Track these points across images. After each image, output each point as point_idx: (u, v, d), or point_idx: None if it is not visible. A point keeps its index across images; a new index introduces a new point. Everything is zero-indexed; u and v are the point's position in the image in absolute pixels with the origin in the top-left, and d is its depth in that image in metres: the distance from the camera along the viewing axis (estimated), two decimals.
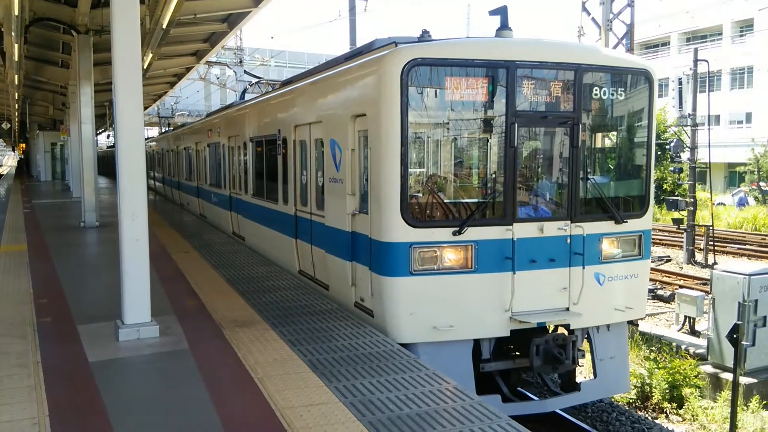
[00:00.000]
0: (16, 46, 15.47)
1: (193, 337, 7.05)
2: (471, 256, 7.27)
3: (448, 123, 7.59)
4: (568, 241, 7.62)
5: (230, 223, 15.52)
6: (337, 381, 5.73)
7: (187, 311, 8.14)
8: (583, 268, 7.62)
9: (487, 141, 7.83)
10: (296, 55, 62.20)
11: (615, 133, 8.63)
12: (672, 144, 23.41)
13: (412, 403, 5.26)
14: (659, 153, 30.74)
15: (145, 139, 38.24)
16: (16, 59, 17.29)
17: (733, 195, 41.35)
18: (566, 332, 7.78)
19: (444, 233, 7.19)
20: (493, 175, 7.69)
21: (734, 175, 50.12)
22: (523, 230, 7.39)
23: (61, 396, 5.46)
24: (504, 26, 7.83)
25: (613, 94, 8.00)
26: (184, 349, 6.68)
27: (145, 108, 41.26)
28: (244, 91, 23.13)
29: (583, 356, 8.19)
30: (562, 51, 7.78)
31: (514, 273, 7.31)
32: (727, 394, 10.36)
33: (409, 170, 7.18)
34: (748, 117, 51.53)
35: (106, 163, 39.44)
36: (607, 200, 7.95)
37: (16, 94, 27.80)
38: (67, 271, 10.93)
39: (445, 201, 7.66)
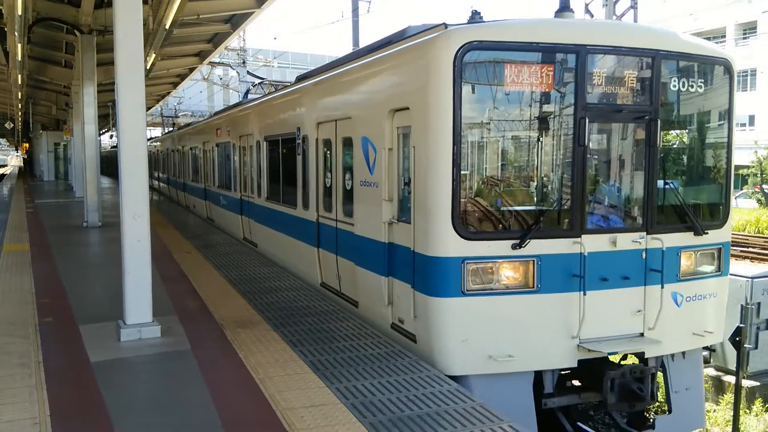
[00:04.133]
0: (19, 45, 15.50)
1: (194, 338, 7.05)
2: (533, 274, 6.29)
3: (506, 117, 6.54)
4: (644, 255, 6.62)
5: (241, 228, 14.67)
6: (339, 382, 5.72)
7: (189, 312, 8.14)
8: (662, 287, 6.60)
9: (552, 138, 6.74)
10: (299, 56, 62.27)
11: (692, 131, 7.45)
12: None
13: (414, 404, 5.25)
14: None
15: (149, 139, 38.35)
16: (20, 59, 17.33)
17: (735, 198, 41.33)
18: (638, 361, 6.90)
19: (502, 246, 6.23)
20: (559, 179, 6.69)
21: (737, 178, 50.07)
22: (593, 243, 6.40)
23: (62, 396, 5.46)
24: (565, 7, 6.97)
25: (692, 86, 6.95)
26: (186, 350, 6.68)
27: (148, 108, 41.24)
28: (247, 92, 23.17)
29: (658, 389, 7.42)
30: (637, 34, 6.74)
31: (584, 293, 6.31)
32: (729, 397, 10.35)
33: (462, 172, 6.27)
34: (751, 120, 51.43)
35: (110, 163, 39.39)
36: (686, 208, 6.95)
37: (20, 93, 27.85)
38: (69, 271, 10.93)
39: (502, 209, 6.59)
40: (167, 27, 13.48)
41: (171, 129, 39.03)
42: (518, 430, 4.84)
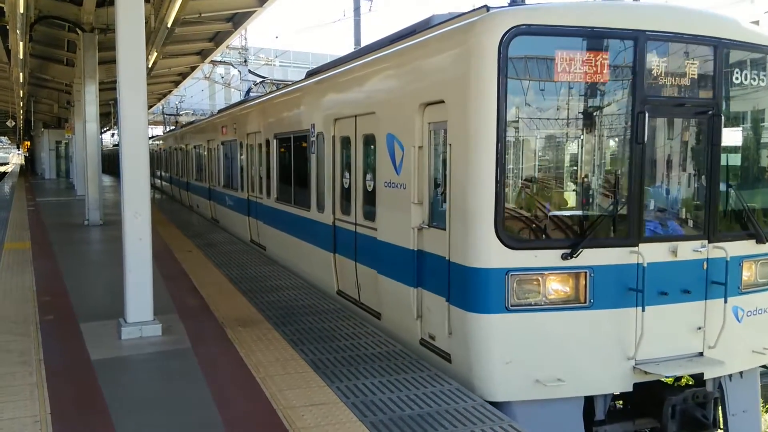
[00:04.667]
0: (21, 43, 15.51)
1: (195, 336, 7.05)
2: (585, 287, 5.65)
3: (556, 111, 5.85)
4: (705, 266, 5.98)
5: (248, 230, 14.02)
6: (339, 381, 5.72)
7: (190, 310, 8.14)
8: (725, 301, 5.97)
9: (606, 135, 6.13)
10: (301, 55, 62.18)
11: (754, 128, 6.78)
12: None
13: (414, 404, 5.25)
14: None
15: (152, 137, 38.33)
16: (21, 57, 17.34)
17: None
18: (693, 382, 6.22)
19: (550, 256, 5.60)
20: (614, 180, 6.01)
21: None
22: (651, 252, 5.74)
23: (63, 394, 5.46)
24: None
25: (754, 79, 6.32)
26: (187, 348, 6.68)
27: (150, 107, 41.29)
28: (249, 91, 23.20)
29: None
30: (699, 20, 6.03)
31: (643, 309, 5.67)
32: None
33: (506, 173, 5.63)
34: None
35: (111, 162, 39.39)
36: (750, 213, 6.31)
37: (21, 92, 27.88)
38: (70, 269, 10.94)
39: (551, 213, 5.94)
40: (169, 25, 13.49)
41: (173, 127, 38.95)
42: (519, 430, 4.84)
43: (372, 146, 7.64)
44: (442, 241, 6.06)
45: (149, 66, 17.31)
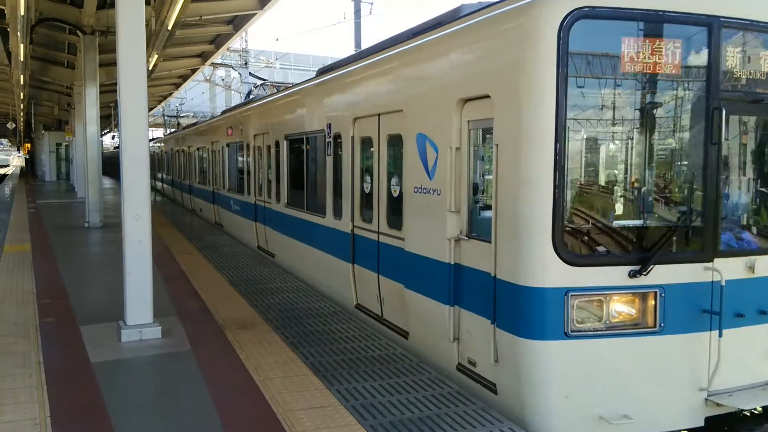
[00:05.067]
0: (21, 46, 15.53)
1: (195, 339, 7.04)
2: (655, 309, 5.00)
3: (621, 106, 5.19)
4: None
5: (255, 236, 13.35)
6: (339, 384, 5.71)
7: (190, 313, 8.13)
8: None
9: (675, 134, 5.42)
10: (301, 58, 62.24)
11: None
12: None
13: (414, 407, 5.24)
14: None
15: (153, 139, 38.31)
16: (22, 59, 17.36)
17: None
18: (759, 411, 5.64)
19: (615, 274, 4.93)
20: (686, 186, 5.35)
21: None
22: (727, 269, 5.06)
23: (62, 397, 5.45)
24: None
25: None
26: (186, 351, 6.67)
27: (150, 109, 41.39)
28: (249, 93, 23.20)
29: None
30: None
31: (720, 334, 5.01)
32: None
33: (566, 177, 4.95)
34: None
35: (112, 164, 39.39)
36: None
37: (22, 94, 27.91)
38: (70, 271, 10.93)
39: (615, 223, 5.25)
40: (170, 28, 13.51)
41: (174, 129, 38.94)
42: None
43: (398, 148, 7.04)
44: (486, 254, 5.38)
45: (150, 68, 17.33)
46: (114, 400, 5.38)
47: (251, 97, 20.00)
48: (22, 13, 12.32)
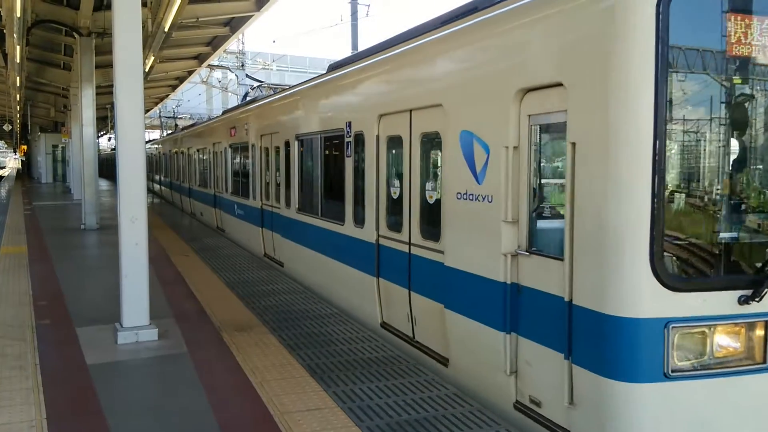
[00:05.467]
0: (18, 47, 15.53)
1: (191, 341, 7.03)
2: (764, 341, 4.22)
3: (729, 98, 4.31)
4: None
5: (261, 243, 12.61)
6: (336, 386, 5.71)
7: (186, 315, 8.12)
8: None
9: None
10: (298, 59, 62.24)
11: None
12: None
13: (412, 408, 5.24)
14: None
15: (151, 141, 38.25)
16: (18, 61, 17.36)
17: None
18: None
19: (721, 300, 4.13)
20: None
21: None
22: None
23: (58, 399, 5.44)
24: None
25: None
26: (183, 353, 6.66)
27: (147, 111, 41.38)
28: (246, 95, 23.17)
29: None
30: None
31: None
32: None
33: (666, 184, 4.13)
34: None
35: (109, 166, 39.29)
36: None
37: (18, 95, 27.89)
38: (66, 273, 10.91)
39: (721, 238, 4.33)
40: (166, 30, 13.51)
41: (171, 131, 38.85)
42: None
43: (435, 148, 6.33)
44: (555, 274, 4.59)
45: (146, 70, 17.36)
46: (110, 402, 5.37)
47: (248, 98, 19.96)
48: (19, 14, 12.32)
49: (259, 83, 24.49)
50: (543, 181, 5.09)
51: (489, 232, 5.28)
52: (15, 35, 13.99)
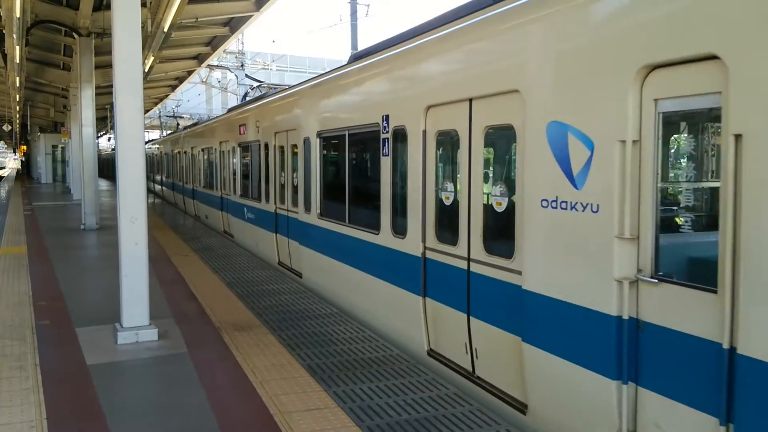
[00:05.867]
0: (17, 48, 15.52)
1: (191, 341, 7.03)
2: None
3: None
4: None
5: (275, 250, 11.74)
6: (336, 386, 5.71)
7: (186, 315, 8.12)
8: None
9: None
10: (298, 59, 62.24)
11: None
12: None
13: (412, 408, 5.24)
14: None
15: (151, 141, 38.20)
16: (18, 61, 17.34)
17: None
18: None
19: None
20: None
21: None
22: None
23: (59, 399, 5.44)
24: None
25: None
26: (183, 353, 6.66)
27: (146, 111, 41.38)
28: (246, 95, 23.17)
29: None
30: None
31: None
32: None
33: None
34: None
35: (110, 166, 39.16)
36: None
37: (18, 96, 27.87)
38: (66, 273, 10.91)
39: None
40: (165, 30, 13.51)
41: (171, 131, 38.80)
42: None
43: (507, 143, 5.47)
44: (703, 309, 3.58)
45: (146, 70, 17.35)
46: (110, 403, 5.37)
47: (248, 98, 19.91)
48: (18, 15, 12.31)
49: (258, 83, 24.51)
50: (676, 185, 4.17)
51: (593, 250, 4.24)
52: (14, 35, 13.98)
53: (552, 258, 4.65)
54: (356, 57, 8.84)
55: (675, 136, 4.27)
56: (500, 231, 5.43)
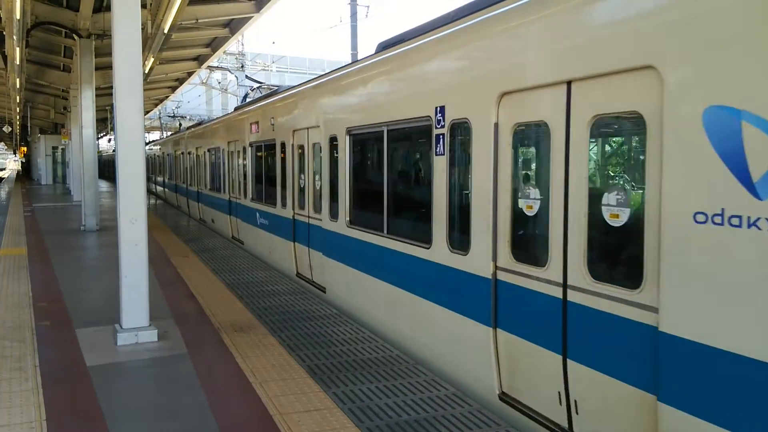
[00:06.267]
0: (18, 49, 15.53)
1: (191, 342, 7.03)
2: None
3: None
4: None
5: (293, 260, 10.70)
6: (336, 387, 5.71)
7: (186, 316, 8.13)
8: None
9: None
10: (298, 60, 62.28)
11: None
12: None
13: (411, 409, 5.24)
14: None
15: (152, 142, 38.18)
16: (18, 63, 17.36)
17: None
18: None
19: None
20: None
21: None
22: None
23: (58, 400, 5.44)
24: None
25: None
26: (183, 354, 6.66)
27: (146, 112, 41.41)
28: (246, 96, 23.19)
29: None
30: None
31: None
32: None
33: None
34: None
35: (111, 167, 39.09)
36: None
37: (18, 97, 27.89)
38: (66, 274, 10.92)
39: None
40: (166, 31, 13.53)
41: (172, 132, 38.79)
42: None
43: (627, 137, 4.67)
44: None
45: (146, 71, 17.37)
46: (110, 404, 5.37)
47: (248, 99, 19.89)
48: (18, 16, 12.33)
49: (258, 84, 24.53)
50: None
51: None
52: (15, 37, 13.99)
53: (716, 293, 3.45)
54: (385, 46, 7.83)
55: None
56: (615, 251, 4.33)
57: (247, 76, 32.16)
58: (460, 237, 5.86)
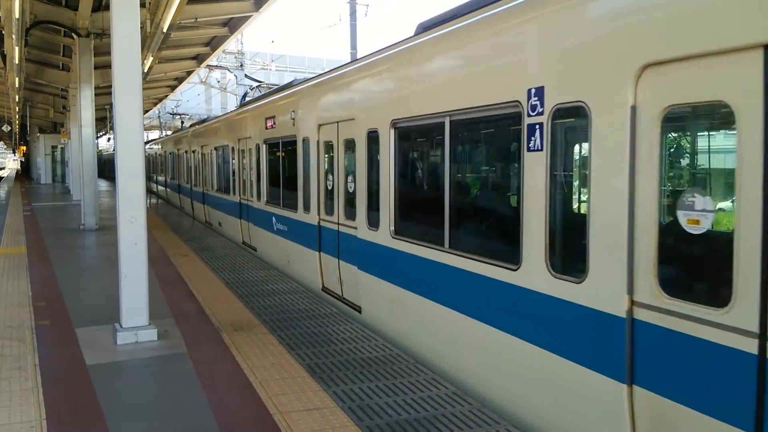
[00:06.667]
0: (16, 48, 15.54)
1: (191, 341, 7.03)
2: None
3: None
4: None
5: (318, 273, 9.51)
6: (336, 385, 5.71)
7: (186, 315, 8.13)
8: None
9: None
10: (297, 60, 62.24)
11: None
12: None
13: (411, 408, 5.24)
14: None
15: (153, 140, 38.13)
16: (17, 62, 17.36)
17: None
18: None
19: None
20: None
21: None
22: None
23: (58, 399, 5.44)
24: None
25: None
26: (182, 353, 6.66)
27: (146, 111, 41.41)
28: (245, 95, 23.17)
29: None
30: None
31: None
32: None
33: None
34: None
35: (111, 167, 39.01)
36: None
37: (17, 96, 27.88)
38: (65, 273, 10.91)
39: None
40: (165, 30, 13.52)
41: (172, 131, 38.75)
42: None
43: None
44: None
45: (145, 70, 17.37)
46: (110, 403, 5.37)
47: (247, 99, 19.84)
48: (17, 15, 12.32)
49: (258, 83, 24.53)
50: None
51: None
52: (14, 36, 13.99)
53: None
54: (426, 27, 6.80)
55: None
56: None
57: (246, 75, 32.18)
58: (565, 259, 4.60)
